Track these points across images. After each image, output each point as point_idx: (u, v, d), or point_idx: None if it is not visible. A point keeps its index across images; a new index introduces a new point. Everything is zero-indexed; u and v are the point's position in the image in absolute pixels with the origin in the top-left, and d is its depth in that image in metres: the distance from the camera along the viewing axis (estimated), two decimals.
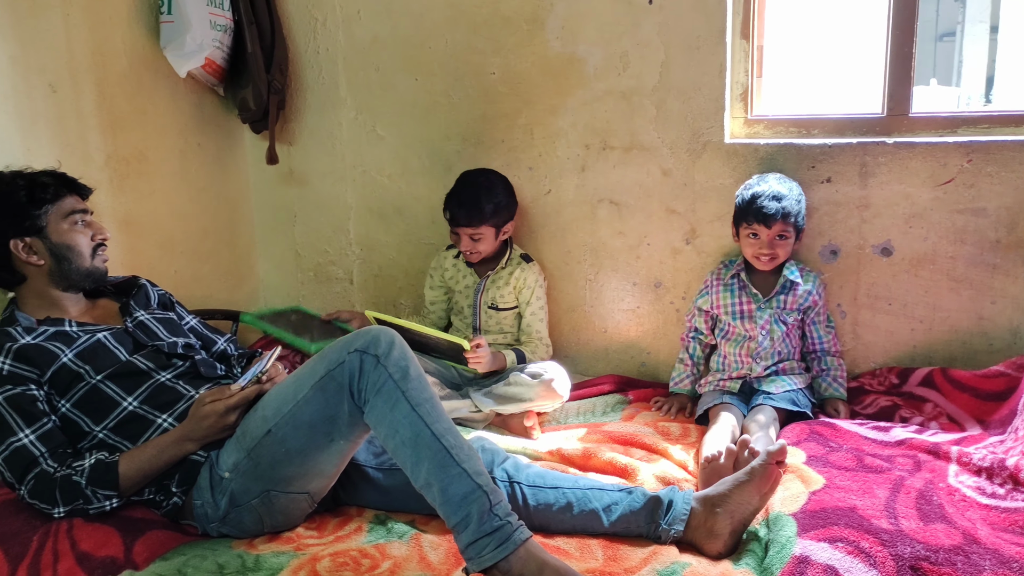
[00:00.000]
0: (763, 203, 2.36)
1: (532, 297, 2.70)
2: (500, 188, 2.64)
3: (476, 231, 2.59)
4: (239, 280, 3.12)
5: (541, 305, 2.74)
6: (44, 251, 1.93)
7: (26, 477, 1.75)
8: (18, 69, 2.13)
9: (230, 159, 3.04)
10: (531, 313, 2.72)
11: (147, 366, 1.94)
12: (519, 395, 2.46)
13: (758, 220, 2.37)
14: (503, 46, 2.76)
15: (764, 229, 2.37)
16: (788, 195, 2.37)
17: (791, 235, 2.39)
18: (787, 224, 2.36)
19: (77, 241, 1.96)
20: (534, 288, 2.70)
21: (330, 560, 1.69)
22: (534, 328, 2.72)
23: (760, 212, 2.36)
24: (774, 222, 2.35)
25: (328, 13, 2.91)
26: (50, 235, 1.93)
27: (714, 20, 2.53)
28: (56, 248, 1.93)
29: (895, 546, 1.62)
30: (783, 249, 2.40)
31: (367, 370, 1.69)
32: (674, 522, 1.78)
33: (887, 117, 2.52)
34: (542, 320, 2.73)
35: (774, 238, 2.38)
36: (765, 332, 2.44)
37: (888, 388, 2.47)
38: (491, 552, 1.56)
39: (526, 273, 2.70)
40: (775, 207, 2.34)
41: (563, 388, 2.51)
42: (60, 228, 1.94)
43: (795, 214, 2.37)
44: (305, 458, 1.76)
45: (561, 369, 2.56)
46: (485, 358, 2.47)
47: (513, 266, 2.72)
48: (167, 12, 2.52)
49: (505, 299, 2.70)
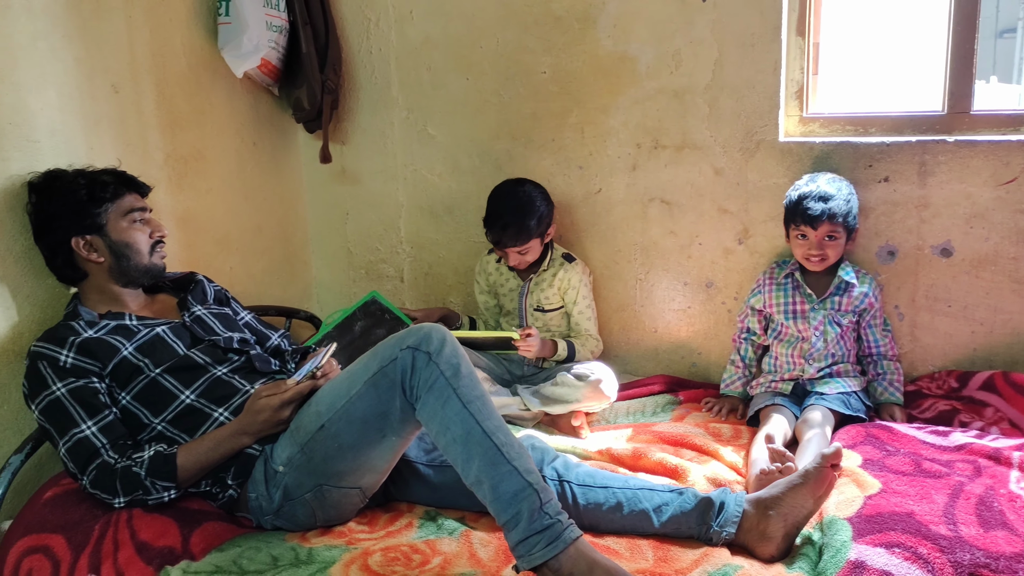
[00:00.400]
0: (809, 204, 2.33)
1: (578, 296, 2.70)
2: (539, 200, 2.62)
3: (524, 248, 2.59)
4: (292, 277, 3.16)
5: (588, 303, 2.73)
6: (104, 248, 1.98)
7: (88, 468, 1.80)
8: (83, 70, 2.18)
9: (284, 158, 3.09)
10: (579, 312, 2.71)
11: (204, 360, 1.98)
12: (565, 396, 2.46)
13: (805, 221, 2.34)
14: (554, 45, 2.76)
15: (811, 230, 2.34)
16: (836, 195, 2.32)
17: (841, 236, 2.35)
18: (835, 225, 2.32)
19: (136, 239, 2.01)
20: (579, 288, 2.69)
21: (381, 555, 1.71)
22: (583, 327, 2.71)
23: (806, 213, 2.33)
24: (820, 223, 2.32)
25: (381, 13, 2.94)
26: (110, 233, 1.98)
27: (769, 17, 2.50)
28: (115, 246, 1.98)
29: (954, 552, 1.59)
30: (833, 250, 2.36)
31: (419, 367, 1.70)
32: (726, 524, 1.76)
33: (947, 115, 2.47)
34: (590, 319, 2.72)
35: (822, 239, 2.34)
36: (819, 333, 2.40)
37: (947, 392, 2.41)
38: (541, 550, 1.56)
39: (569, 273, 2.69)
40: (820, 208, 2.31)
41: (610, 389, 2.51)
42: (119, 226, 1.99)
43: (842, 215, 2.32)
44: (357, 453, 1.78)
45: (608, 370, 2.55)
46: (535, 346, 2.50)
47: (556, 267, 2.71)
48: (225, 14, 2.57)
49: (550, 300, 2.70)
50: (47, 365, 1.84)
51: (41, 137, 2.06)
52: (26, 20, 2.02)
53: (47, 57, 2.08)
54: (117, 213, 1.99)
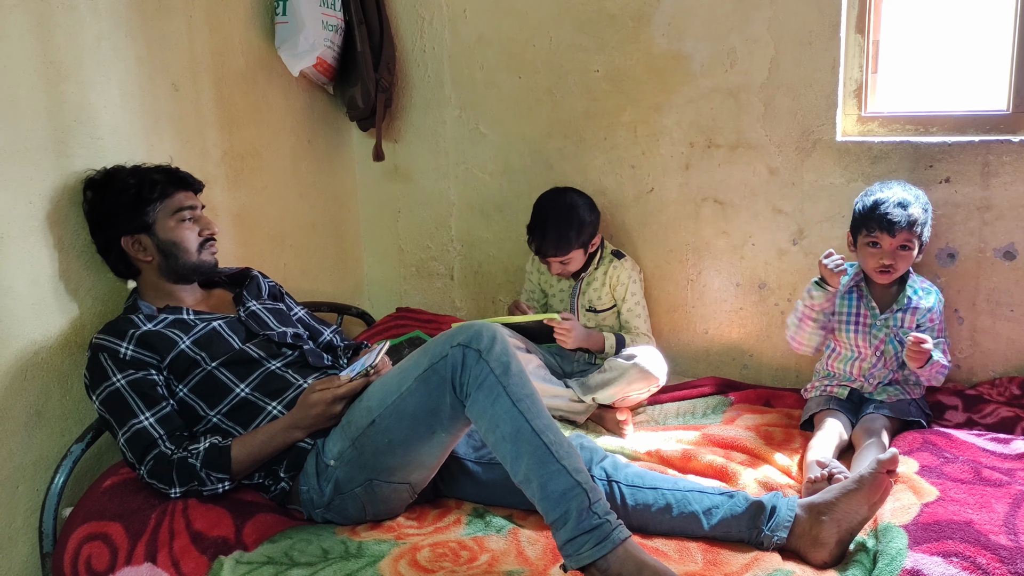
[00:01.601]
0: (888, 209, 2.20)
1: (627, 293, 2.67)
2: (583, 211, 2.58)
3: (565, 258, 2.58)
4: (345, 274, 3.20)
5: (637, 300, 2.70)
6: (152, 247, 2.01)
7: (145, 458, 1.84)
8: (144, 69, 2.23)
9: (338, 156, 3.12)
10: (628, 309, 2.69)
11: (258, 354, 2.01)
12: (612, 380, 2.42)
13: (881, 227, 2.21)
14: (607, 43, 2.74)
15: (887, 238, 2.21)
16: (915, 202, 2.22)
17: (914, 246, 2.23)
18: (912, 234, 2.21)
19: (184, 237, 2.03)
20: (627, 284, 2.67)
21: (430, 551, 1.72)
22: (632, 324, 2.68)
23: (884, 219, 2.20)
24: (899, 230, 2.20)
25: (435, 12, 2.96)
26: (157, 232, 2.01)
27: (828, 14, 2.45)
28: (163, 244, 2.01)
29: (1015, 563, 1.54)
30: (904, 261, 2.24)
31: (469, 364, 1.71)
32: (777, 528, 1.74)
33: (1013, 114, 2.40)
34: (639, 316, 2.69)
35: (896, 248, 2.22)
36: (878, 354, 2.33)
37: (1009, 399, 2.35)
38: (589, 550, 1.55)
39: (619, 270, 2.67)
40: (901, 215, 2.19)
41: (658, 370, 2.46)
42: (167, 225, 2.02)
43: (922, 223, 2.22)
44: (407, 449, 1.79)
45: (657, 352, 2.52)
46: (573, 332, 2.49)
47: (606, 264, 2.69)
48: (282, 13, 2.61)
49: (602, 300, 2.69)
50: (108, 357, 1.89)
51: (104, 134, 2.12)
52: (91, 20, 2.07)
53: (110, 56, 2.13)
54: (165, 212, 2.02)
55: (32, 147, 1.93)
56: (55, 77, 1.98)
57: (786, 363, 2.74)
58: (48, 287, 1.99)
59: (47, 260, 1.99)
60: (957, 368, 2.51)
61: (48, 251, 1.99)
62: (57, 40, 1.99)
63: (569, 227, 2.54)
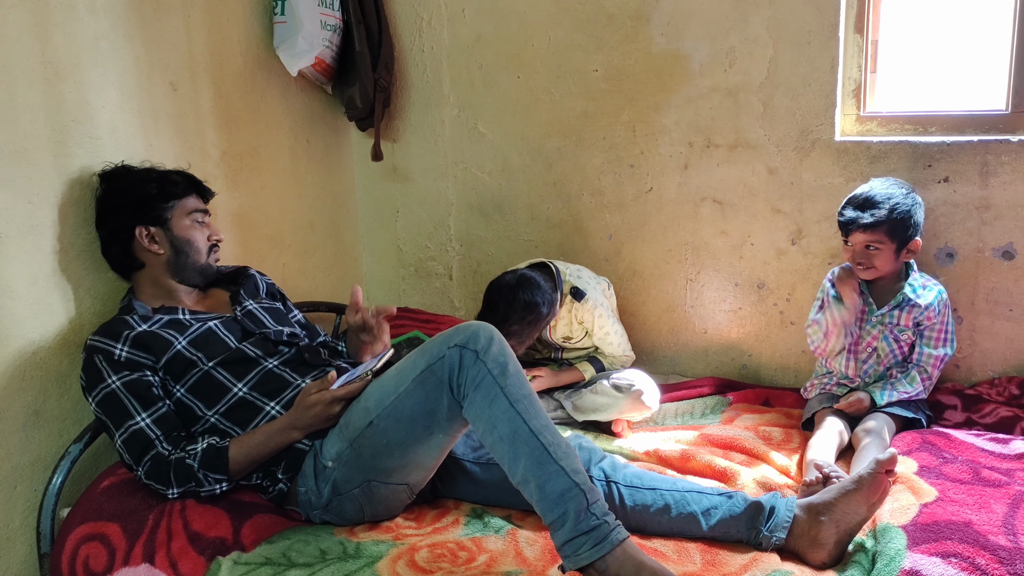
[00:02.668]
0: (843, 210, 2.27)
1: (594, 327, 2.57)
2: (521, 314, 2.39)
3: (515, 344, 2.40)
4: (343, 273, 3.20)
5: (607, 331, 2.60)
6: (165, 241, 2.03)
7: (143, 459, 1.84)
8: (142, 69, 2.23)
9: (336, 156, 3.12)
10: (598, 339, 2.61)
11: (255, 353, 2.01)
12: (605, 406, 2.43)
13: (839, 228, 2.30)
14: (606, 43, 2.74)
15: (851, 237, 2.27)
16: (881, 203, 2.21)
17: (885, 247, 2.23)
18: (872, 234, 2.22)
19: (196, 237, 2.07)
20: (593, 319, 2.56)
21: (428, 551, 1.72)
22: (607, 352, 2.64)
23: (839, 220, 2.28)
24: (851, 231, 2.25)
25: (433, 12, 2.95)
26: (173, 228, 2.04)
27: (826, 14, 2.45)
28: (177, 240, 2.04)
29: (1014, 564, 1.54)
30: (878, 259, 2.25)
31: (466, 365, 1.70)
32: (776, 529, 1.73)
33: (1012, 114, 2.40)
34: (611, 343, 2.62)
35: (862, 248, 2.25)
36: (871, 349, 2.34)
37: (1008, 399, 2.35)
38: (588, 551, 1.55)
39: (581, 312, 2.56)
40: (851, 216, 2.24)
41: (652, 400, 2.45)
42: (182, 223, 2.05)
43: (879, 223, 2.21)
44: (405, 450, 1.79)
45: (649, 379, 2.50)
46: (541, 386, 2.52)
47: (569, 304, 2.56)
48: (280, 13, 2.61)
49: (574, 334, 2.61)
50: (102, 359, 1.89)
51: (103, 134, 2.11)
52: (89, 20, 2.07)
53: (109, 56, 2.13)
54: (182, 211, 2.06)
55: (30, 147, 1.93)
56: (53, 77, 1.98)
57: (785, 363, 2.74)
58: (47, 287, 1.99)
59: (46, 260, 1.99)
60: (956, 368, 2.51)
61: (47, 251, 1.99)
62: (55, 40, 1.99)
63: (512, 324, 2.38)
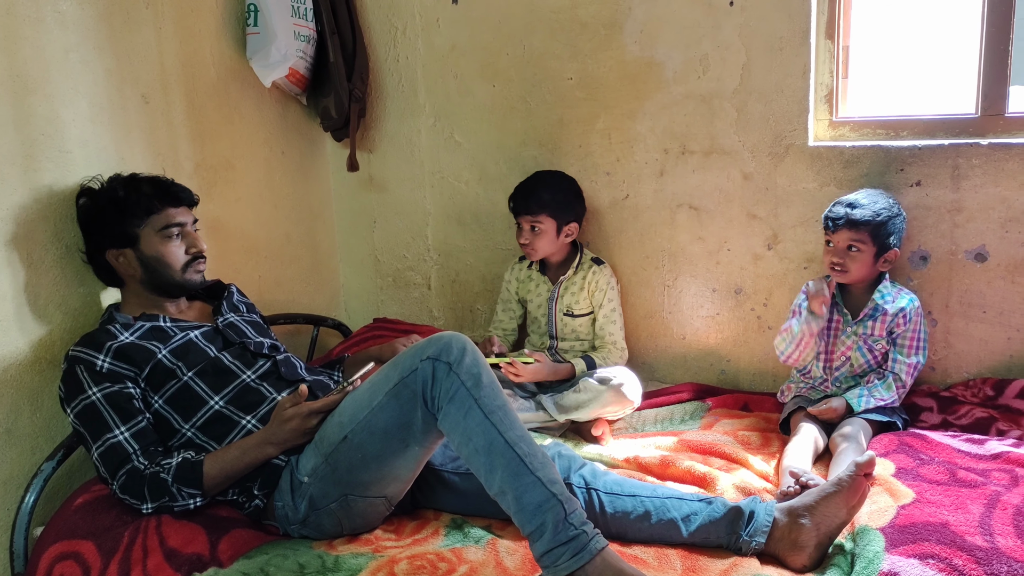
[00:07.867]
0: (832, 207, 2.32)
1: (604, 299, 2.69)
2: (565, 184, 2.69)
3: (535, 219, 2.60)
4: (320, 285, 3.18)
5: (614, 307, 2.71)
6: (135, 260, 1.99)
7: (118, 473, 1.81)
8: (113, 81, 2.21)
9: (312, 166, 3.11)
10: (604, 316, 2.70)
11: (233, 364, 1.99)
12: (587, 401, 2.44)
13: (826, 225, 2.32)
14: (580, 51, 2.75)
15: (833, 235, 2.30)
16: (866, 205, 2.27)
17: (865, 249, 2.27)
18: (856, 233, 2.26)
19: (168, 253, 2.00)
20: (606, 290, 2.69)
21: (407, 563, 1.71)
22: (607, 331, 2.69)
23: (827, 217, 2.32)
24: (839, 227, 2.28)
25: (408, 22, 2.95)
26: (142, 247, 1.99)
27: (798, 20, 2.47)
28: (147, 260, 1.99)
29: (990, 564, 1.55)
30: (854, 263, 2.29)
31: (440, 377, 1.70)
32: (755, 534, 1.74)
33: (981, 117, 2.42)
34: (615, 323, 2.70)
35: (844, 247, 2.29)
36: (844, 359, 2.37)
37: (983, 400, 2.37)
38: (567, 561, 1.55)
39: (598, 276, 2.70)
40: (841, 212, 2.28)
41: (633, 393, 2.49)
42: (152, 241, 1.99)
43: (865, 222, 2.25)
44: (381, 464, 1.78)
45: (631, 374, 2.53)
46: (528, 373, 2.50)
47: (585, 270, 2.71)
48: (253, 24, 2.59)
49: (580, 305, 2.69)
50: (84, 369, 1.86)
51: (73, 148, 2.09)
52: (58, 32, 2.05)
53: (79, 69, 2.11)
54: (151, 228, 1.99)
55: None
56: (22, 90, 1.96)
57: (763, 367, 2.75)
58: (17, 303, 1.96)
59: (16, 276, 1.96)
60: (932, 370, 2.53)
61: (16, 266, 1.96)
62: (24, 53, 1.96)
63: (546, 188, 2.62)
